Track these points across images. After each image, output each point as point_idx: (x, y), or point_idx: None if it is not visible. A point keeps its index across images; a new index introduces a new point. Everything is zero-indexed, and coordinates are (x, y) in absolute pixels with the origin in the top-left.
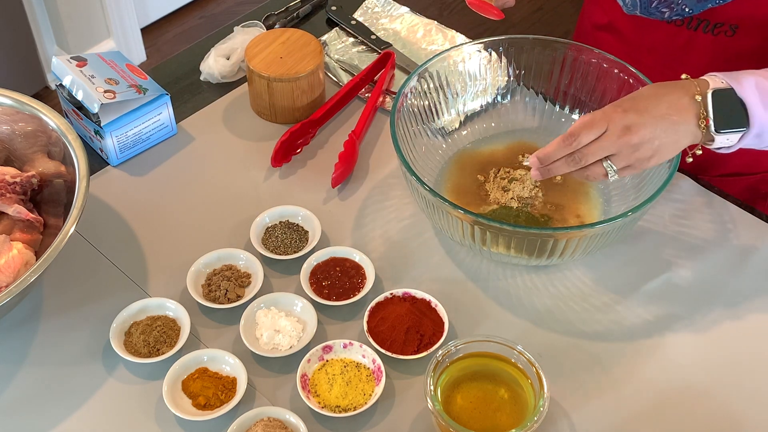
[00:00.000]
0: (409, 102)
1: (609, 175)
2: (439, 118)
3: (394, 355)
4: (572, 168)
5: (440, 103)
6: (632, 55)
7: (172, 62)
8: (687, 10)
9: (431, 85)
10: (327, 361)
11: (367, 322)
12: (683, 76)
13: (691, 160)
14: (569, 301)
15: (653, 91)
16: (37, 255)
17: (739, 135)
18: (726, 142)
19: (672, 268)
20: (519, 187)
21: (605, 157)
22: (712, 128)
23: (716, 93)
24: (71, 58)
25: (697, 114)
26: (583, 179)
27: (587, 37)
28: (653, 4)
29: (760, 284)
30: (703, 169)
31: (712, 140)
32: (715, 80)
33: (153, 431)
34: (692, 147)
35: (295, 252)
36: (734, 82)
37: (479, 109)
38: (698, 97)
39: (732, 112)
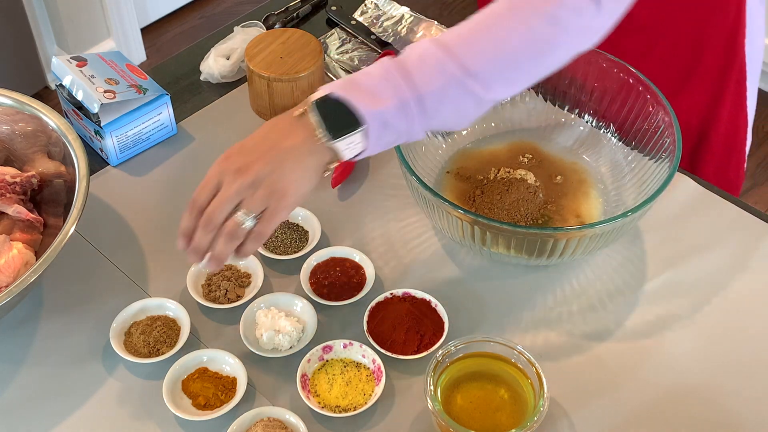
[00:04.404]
0: None
1: (242, 223)
2: None
3: (394, 355)
4: (210, 233)
5: None
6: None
7: (172, 62)
8: None
9: None
10: (327, 361)
11: (367, 322)
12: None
13: (328, 174)
14: (569, 301)
15: (262, 129)
16: (37, 255)
17: (360, 135)
18: (354, 147)
19: (672, 268)
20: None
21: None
22: (328, 140)
23: (317, 103)
24: (71, 58)
25: (308, 131)
26: (237, 257)
27: None
28: None
29: (760, 284)
30: None
31: (339, 151)
32: (318, 92)
33: (153, 431)
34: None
35: (295, 252)
36: (327, 88)
37: None
38: (301, 115)
39: (338, 115)
